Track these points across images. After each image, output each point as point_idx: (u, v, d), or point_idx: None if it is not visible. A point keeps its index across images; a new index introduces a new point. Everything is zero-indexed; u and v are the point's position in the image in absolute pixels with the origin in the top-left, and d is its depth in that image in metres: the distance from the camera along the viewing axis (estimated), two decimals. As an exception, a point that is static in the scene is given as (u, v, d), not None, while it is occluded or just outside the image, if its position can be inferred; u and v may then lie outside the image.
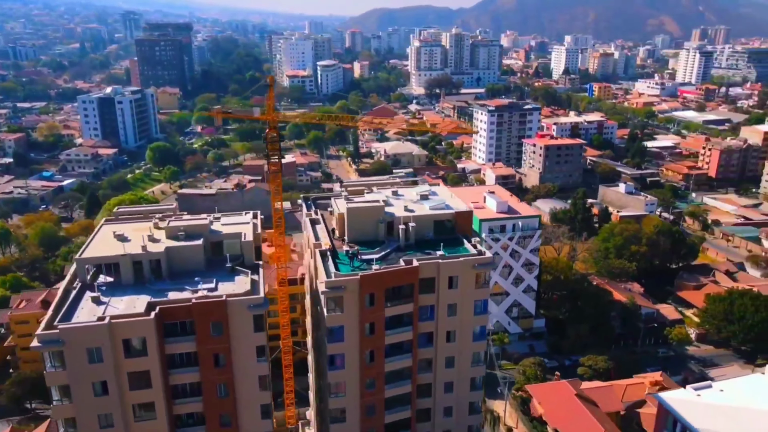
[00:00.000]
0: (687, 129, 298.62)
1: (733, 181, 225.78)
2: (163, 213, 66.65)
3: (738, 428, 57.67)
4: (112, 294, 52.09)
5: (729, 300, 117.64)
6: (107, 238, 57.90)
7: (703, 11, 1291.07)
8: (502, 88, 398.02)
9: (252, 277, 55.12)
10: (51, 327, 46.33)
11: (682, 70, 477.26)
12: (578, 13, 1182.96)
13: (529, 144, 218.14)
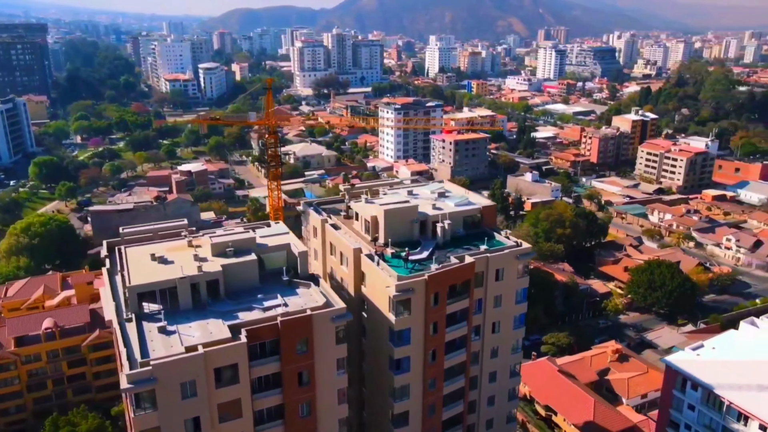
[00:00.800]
0: (561, 120, 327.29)
1: (610, 165, 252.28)
2: (175, 230, 61.68)
3: (739, 378, 66.02)
4: (174, 321, 47.44)
5: (650, 270, 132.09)
6: (143, 262, 52.31)
7: (543, 13, 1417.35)
8: (387, 87, 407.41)
9: (317, 288, 53.05)
10: (134, 365, 41.38)
11: (541, 67, 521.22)
12: (436, 14, 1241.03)
13: (437, 140, 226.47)
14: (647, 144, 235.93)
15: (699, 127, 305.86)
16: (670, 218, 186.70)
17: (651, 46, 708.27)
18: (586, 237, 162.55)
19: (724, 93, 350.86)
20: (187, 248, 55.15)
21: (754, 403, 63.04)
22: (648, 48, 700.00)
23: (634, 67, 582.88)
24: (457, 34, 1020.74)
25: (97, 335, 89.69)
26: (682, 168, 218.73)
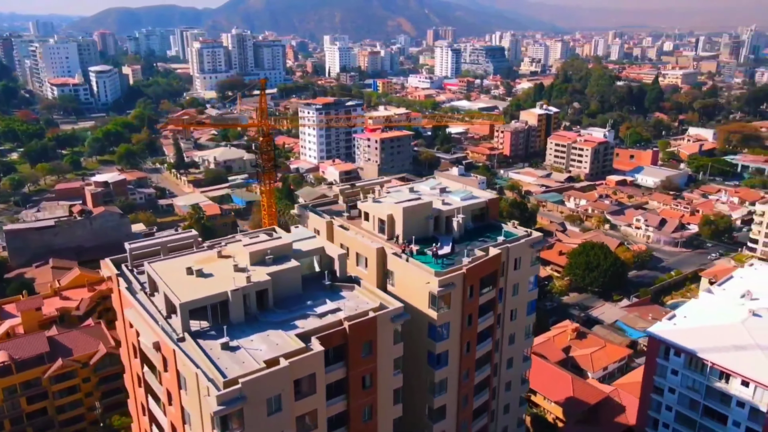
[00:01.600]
0: (468, 116, 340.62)
1: (522, 157, 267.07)
2: (187, 241, 58.19)
3: (716, 341, 73.46)
4: (232, 336, 44.85)
5: (585, 252, 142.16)
6: (179, 277, 48.71)
7: (429, 14, 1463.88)
8: (293, 88, 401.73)
9: (361, 290, 52.36)
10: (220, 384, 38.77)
11: (439, 65, 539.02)
12: (325, 14, 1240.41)
13: (362, 138, 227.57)
14: (555, 136, 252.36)
15: (590, 119, 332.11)
16: (585, 204, 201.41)
17: (533, 45, 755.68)
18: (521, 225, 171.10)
19: (607, 88, 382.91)
20: (218, 259, 52.09)
21: (733, 361, 70.50)
22: (531, 47, 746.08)
23: (520, 65, 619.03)
24: (348, 34, 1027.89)
25: (61, 365, 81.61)
26: (588, 157, 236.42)
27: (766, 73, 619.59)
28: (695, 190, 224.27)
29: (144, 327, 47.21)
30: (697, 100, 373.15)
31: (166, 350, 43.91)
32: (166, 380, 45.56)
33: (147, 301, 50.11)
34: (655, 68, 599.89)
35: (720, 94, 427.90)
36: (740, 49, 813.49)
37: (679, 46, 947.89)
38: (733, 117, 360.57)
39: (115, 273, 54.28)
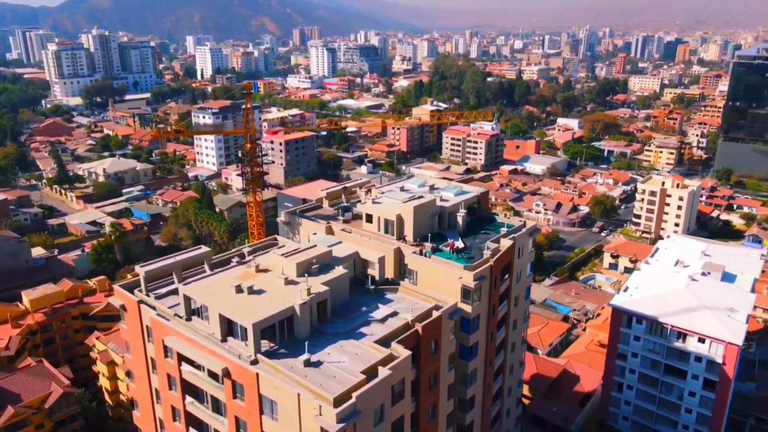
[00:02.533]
0: (359, 114, 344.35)
1: (418, 152, 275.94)
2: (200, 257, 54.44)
3: (669, 306, 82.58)
4: (303, 351, 42.96)
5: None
6: (228, 297, 45.41)
7: (291, 13, 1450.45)
8: (168, 91, 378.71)
9: (406, 290, 52.42)
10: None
11: (315, 65, 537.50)
12: (183, 14, 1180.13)
13: (264, 141, 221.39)
14: (449, 130, 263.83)
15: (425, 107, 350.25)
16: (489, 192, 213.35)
17: (400, 44, 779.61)
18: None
19: (482, 84, 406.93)
20: (258, 273, 49.21)
21: (688, 322, 79.86)
22: (399, 46, 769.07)
23: (392, 63, 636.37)
24: (211, 34, 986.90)
25: (12, 414, 71.54)
26: (482, 149, 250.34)
27: (604, 67, 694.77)
28: (576, 174, 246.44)
29: (200, 354, 43.49)
30: (558, 93, 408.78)
31: (241, 375, 40.97)
32: (238, 408, 42.40)
33: (186, 327, 46.13)
34: (512, 65, 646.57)
35: (573, 87, 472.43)
36: (579, 46, 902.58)
37: (528, 44, 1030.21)
38: (591, 108, 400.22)
39: (136, 301, 49.13)
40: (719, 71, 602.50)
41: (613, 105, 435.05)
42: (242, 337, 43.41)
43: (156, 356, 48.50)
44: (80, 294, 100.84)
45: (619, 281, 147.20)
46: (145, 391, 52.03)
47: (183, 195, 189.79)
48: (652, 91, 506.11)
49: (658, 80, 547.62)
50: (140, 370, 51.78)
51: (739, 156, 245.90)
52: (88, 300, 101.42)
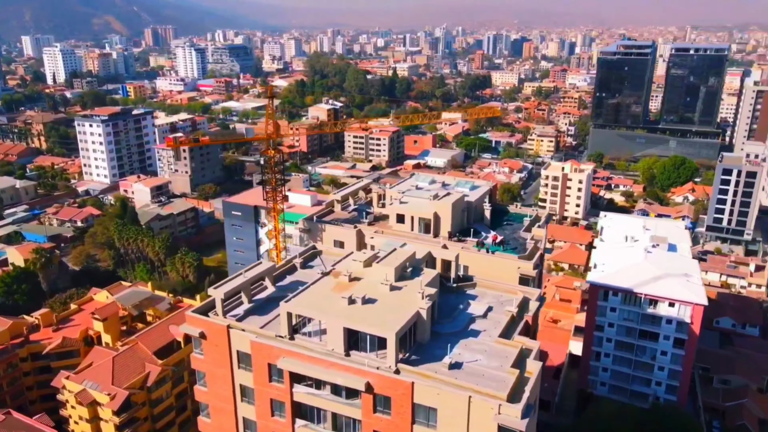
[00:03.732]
0: (247, 117, 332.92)
1: (318, 152, 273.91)
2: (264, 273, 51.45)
3: (637, 277, 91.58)
4: (436, 353, 42.62)
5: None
6: (343, 309, 43.38)
7: (138, 11, 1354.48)
8: (22, 98, 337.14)
9: (483, 286, 53.53)
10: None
11: (183, 66, 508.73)
12: (11, 11, 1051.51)
13: (164, 149, 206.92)
14: (352, 128, 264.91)
15: (359, 111, 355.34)
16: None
17: (267, 43, 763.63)
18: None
19: (364, 81, 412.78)
20: (352, 283, 47.34)
21: (656, 289, 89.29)
22: (266, 45, 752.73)
23: (263, 63, 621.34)
24: (48, 34, 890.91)
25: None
26: (386, 145, 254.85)
27: (465, 63, 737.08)
28: (473, 165, 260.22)
29: (327, 373, 41.20)
30: (436, 89, 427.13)
31: (389, 387, 39.62)
32: (380, 423, 40.83)
33: (298, 347, 43.39)
34: (381, 62, 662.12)
35: (446, 83, 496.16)
36: (438, 44, 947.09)
37: (389, 42, 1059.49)
38: (467, 102, 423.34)
39: (225, 326, 45.01)
40: (563, 66, 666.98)
41: (483, 99, 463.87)
42: (370, 349, 41.89)
43: (256, 382, 44.86)
44: (25, 332, 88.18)
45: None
46: (228, 422, 47.78)
47: (82, 212, 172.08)
48: (512, 85, 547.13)
49: (515, 75, 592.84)
50: (224, 401, 47.44)
51: (608, 141, 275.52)
52: (34, 337, 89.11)
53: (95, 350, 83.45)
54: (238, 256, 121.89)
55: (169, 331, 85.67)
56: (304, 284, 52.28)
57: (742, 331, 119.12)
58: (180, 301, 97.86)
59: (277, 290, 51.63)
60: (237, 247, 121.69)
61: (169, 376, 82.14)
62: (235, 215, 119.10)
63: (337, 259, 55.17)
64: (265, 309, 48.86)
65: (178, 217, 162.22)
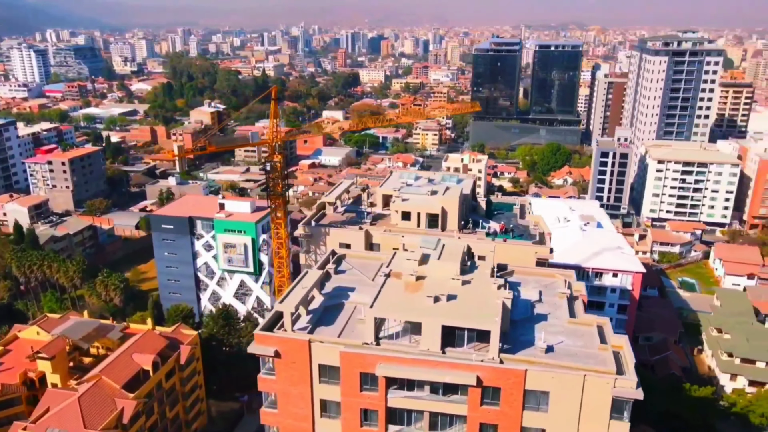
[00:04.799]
0: (114, 123, 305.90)
1: (206, 157, 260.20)
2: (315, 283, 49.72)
3: (582, 254, 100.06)
4: (524, 342, 44.21)
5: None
6: (435, 309, 43.20)
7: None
8: None
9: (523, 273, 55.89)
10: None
11: (21, 70, 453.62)
12: None
13: (39, 163, 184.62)
14: (241, 130, 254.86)
15: (237, 112, 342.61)
16: (305, 189, 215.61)
17: (114, 44, 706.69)
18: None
19: (237, 83, 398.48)
20: (419, 282, 47.10)
21: (601, 263, 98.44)
22: (114, 46, 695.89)
23: (113, 65, 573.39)
24: None
25: None
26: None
27: (329, 62, 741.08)
28: (366, 161, 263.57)
29: (432, 372, 40.93)
30: (312, 88, 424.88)
31: (500, 378, 40.41)
32: (488, 414, 41.36)
33: (390, 351, 42.53)
34: (242, 62, 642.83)
35: (317, 82, 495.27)
36: (297, 43, 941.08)
37: (245, 42, 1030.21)
38: (340, 100, 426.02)
39: (307, 340, 42.65)
40: (424, 63, 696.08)
41: (356, 96, 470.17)
42: (467, 343, 42.32)
43: (345, 394, 43.03)
44: (-50, 383, 74.86)
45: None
46: (305, 439, 45.32)
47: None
48: (379, 82, 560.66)
49: (381, 72, 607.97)
50: (300, 420, 44.83)
51: (486, 132, 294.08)
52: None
53: (49, 393, 73.15)
54: (171, 272, 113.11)
55: (134, 361, 77.83)
56: (349, 290, 51.23)
57: (644, 293, 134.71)
58: (127, 327, 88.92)
59: (326, 298, 49.73)
60: (169, 262, 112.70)
61: (142, 409, 74.73)
62: (166, 229, 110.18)
63: (368, 262, 54.61)
64: (328, 318, 46.94)
65: (75, 237, 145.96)
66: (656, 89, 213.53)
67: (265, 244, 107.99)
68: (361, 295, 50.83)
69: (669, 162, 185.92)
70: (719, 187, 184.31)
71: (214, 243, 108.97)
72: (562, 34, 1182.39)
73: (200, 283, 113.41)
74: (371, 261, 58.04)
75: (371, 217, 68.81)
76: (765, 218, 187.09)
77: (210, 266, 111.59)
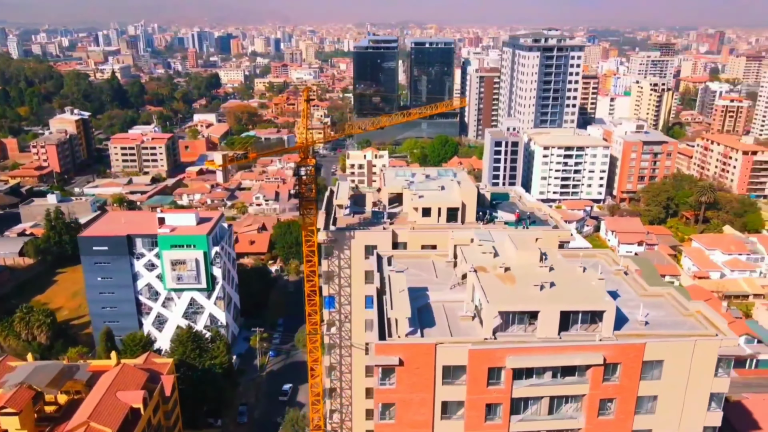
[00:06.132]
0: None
1: (75, 170, 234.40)
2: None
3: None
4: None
5: (290, 231, 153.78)
6: (546, 296, 44.33)
7: None
8: None
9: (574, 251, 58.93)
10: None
11: None
12: None
13: None
14: (116, 139, 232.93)
15: (96, 119, 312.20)
16: (202, 197, 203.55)
17: None
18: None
19: (88, 87, 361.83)
20: (508, 273, 47.91)
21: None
22: None
23: None
24: None
25: None
26: (162, 154, 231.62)
27: (179, 63, 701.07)
28: (256, 164, 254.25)
29: (564, 357, 42.30)
30: (174, 91, 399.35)
31: (622, 354, 42.77)
32: (607, 389, 43.55)
33: (511, 342, 43.09)
34: (81, 64, 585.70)
35: (177, 84, 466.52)
36: (138, 43, 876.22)
37: (76, 42, 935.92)
38: (207, 102, 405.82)
39: (434, 343, 41.62)
40: (283, 62, 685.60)
41: (219, 97, 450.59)
42: (581, 324, 44.14)
43: (471, 392, 42.60)
44: None
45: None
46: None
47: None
48: (239, 82, 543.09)
49: (240, 72, 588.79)
50: (419, 427, 43.46)
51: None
52: None
53: (28, 454, 62.30)
54: (107, 299, 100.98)
55: (120, 400, 69.10)
56: (422, 289, 50.80)
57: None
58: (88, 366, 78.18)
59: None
60: (104, 288, 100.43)
61: (140, 453, 66.72)
62: (99, 251, 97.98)
63: (417, 261, 54.86)
64: (426, 320, 46.10)
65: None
66: (531, 81, 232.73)
67: (218, 256, 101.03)
68: (440, 293, 50.42)
69: (553, 147, 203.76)
70: (595, 168, 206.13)
71: (158, 261, 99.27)
72: (405, 32, 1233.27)
73: (142, 307, 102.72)
74: (420, 260, 57.58)
75: (413, 209, 67.35)
76: (631, 192, 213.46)
77: (153, 287, 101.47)
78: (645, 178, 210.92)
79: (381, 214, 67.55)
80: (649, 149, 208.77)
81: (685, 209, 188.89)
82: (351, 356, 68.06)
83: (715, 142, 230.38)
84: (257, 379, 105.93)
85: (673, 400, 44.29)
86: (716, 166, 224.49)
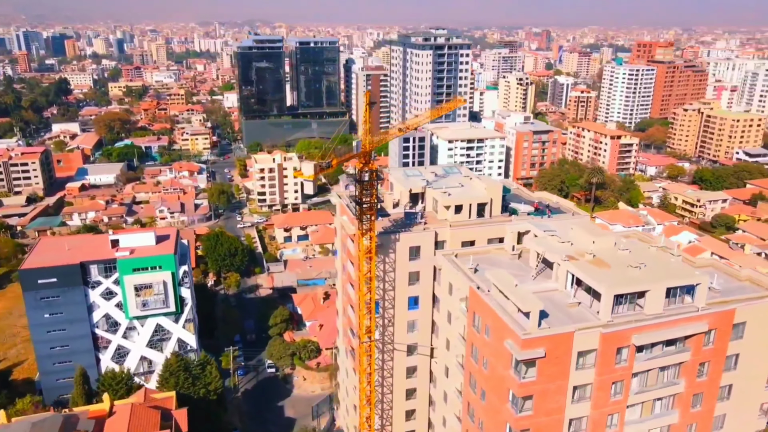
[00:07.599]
0: None
1: None
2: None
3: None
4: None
5: (220, 242, 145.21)
6: (644, 276, 47.75)
7: None
8: None
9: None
10: None
11: None
12: None
13: None
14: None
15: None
16: (99, 214, 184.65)
17: None
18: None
19: None
20: (597, 260, 50.80)
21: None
22: None
23: None
24: None
25: None
26: (36, 170, 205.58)
27: (7, 67, 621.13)
28: (144, 174, 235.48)
29: (680, 329, 46.16)
30: (22, 100, 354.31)
31: (720, 319, 47.82)
32: (706, 354, 48.19)
33: (630, 322, 46.10)
34: None
35: (17, 92, 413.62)
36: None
37: None
38: (58, 110, 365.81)
39: (573, 330, 43.18)
40: (135, 64, 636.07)
41: (70, 105, 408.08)
42: (677, 298, 48.25)
43: (599, 373, 44.81)
44: None
45: (307, 247, 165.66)
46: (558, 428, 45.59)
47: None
48: (89, 87, 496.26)
49: (89, 76, 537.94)
50: (552, 413, 44.81)
51: (260, 130, 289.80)
52: None
53: None
54: (56, 337, 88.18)
55: (143, 446, 61.80)
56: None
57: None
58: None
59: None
60: (51, 326, 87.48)
61: (176, 499, 60.24)
62: (46, 284, 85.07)
63: (486, 257, 56.34)
64: (539, 311, 47.50)
65: None
66: (426, 78, 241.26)
67: (186, 276, 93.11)
68: (536, 284, 51.67)
69: (456, 141, 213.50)
70: (494, 158, 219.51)
71: (117, 288, 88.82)
72: (255, 30, 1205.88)
73: (99, 341, 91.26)
74: (482, 256, 58.68)
75: (419, 216, 67.37)
76: (526, 179, 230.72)
77: (112, 317, 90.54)
78: (536, 165, 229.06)
79: (414, 214, 67.10)
80: (538, 138, 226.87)
81: (575, 191, 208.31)
82: (393, 360, 67.21)
83: (585, 129, 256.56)
84: (234, 401, 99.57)
85: (752, 355, 50.17)
86: (589, 151, 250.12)
